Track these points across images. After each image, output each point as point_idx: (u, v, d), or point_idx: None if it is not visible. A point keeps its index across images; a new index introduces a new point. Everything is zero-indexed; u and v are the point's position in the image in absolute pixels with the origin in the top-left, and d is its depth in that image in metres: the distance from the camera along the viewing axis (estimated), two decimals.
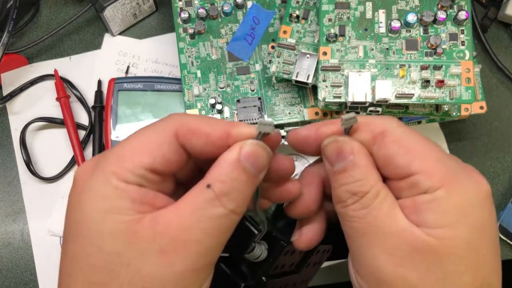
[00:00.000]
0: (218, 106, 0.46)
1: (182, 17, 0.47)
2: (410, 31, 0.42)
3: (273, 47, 0.48)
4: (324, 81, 0.42)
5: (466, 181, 0.25)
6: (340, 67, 0.42)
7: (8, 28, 0.48)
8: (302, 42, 0.45)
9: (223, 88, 0.47)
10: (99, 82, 0.53)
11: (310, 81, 0.44)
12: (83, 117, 0.53)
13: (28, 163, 0.51)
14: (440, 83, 0.41)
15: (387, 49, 0.42)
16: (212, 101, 0.46)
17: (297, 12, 0.46)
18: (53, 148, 0.52)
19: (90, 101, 0.53)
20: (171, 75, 0.53)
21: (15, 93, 0.53)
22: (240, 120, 0.46)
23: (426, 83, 0.41)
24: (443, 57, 0.41)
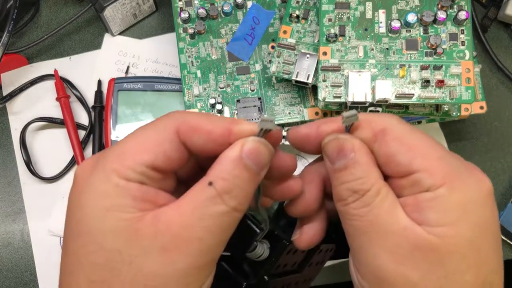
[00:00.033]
0: (218, 106, 0.46)
1: (182, 17, 0.47)
2: (410, 31, 0.42)
3: (273, 47, 0.48)
4: (324, 81, 0.41)
5: (468, 179, 0.24)
6: (340, 67, 0.42)
7: (8, 28, 0.47)
8: (302, 42, 0.45)
9: (223, 88, 0.47)
10: (99, 82, 0.53)
11: (310, 81, 0.44)
12: (83, 117, 0.53)
13: (28, 163, 0.51)
14: (440, 83, 0.41)
15: (387, 49, 0.42)
16: (212, 101, 0.46)
17: (297, 12, 0.46)
18: (53, 148, 0.52)
19: (90, 101, 0.53)
20: (171, 75, 0.53)
21: (15, 93, 0.53)
22: None
23: (426, 83, 0.41)
24: (443, 57, 0.41)
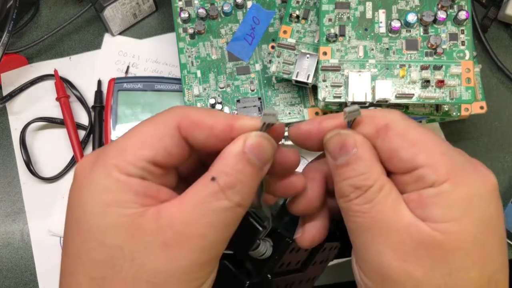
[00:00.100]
0: (218, 106, 0.46)
1: (182, 17, 0.47)
2: (410, 31, 0.42)
3: (273, 47, 0.48)
4: (324, 81, 0.41)
5: (472, 174, 0.24)
6: (340, 67, 0.42)
7: (8, 28, 0.47)
8: (302, 42, 0.45)
9: (223, 88, 0.47)
10: (99, 82, 0.53)
11: (310, 81, 0.44)
12: (83, 117, 0.53)
13: (28, 163, 0.51)
14: (440, 83, 0.41)
15: (387, 49, 0.42)
16: (212, 101, 0.46)
17: (297, 12, 0.46)
18: (53, 148, 0.52)
19: (90, 101, 0.53)
20: (171, 75, 0.53)
21: (15, 93, 0.53)
22: None
23: (426, 83, 0.41)
24: (443, 57, 0.41)
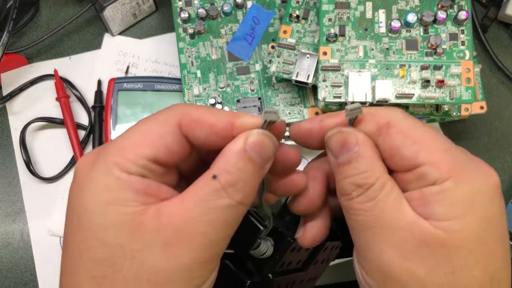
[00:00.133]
0: (218, 106, 0.46)
1: (182, 17, 0.47)
2: (410, 31, 0.42)
3: (273, 47, 0.48)
4: (324, 81, 0.41)
5: (474, 172, 0.24)
6: (340, 67, 0.42)
7: (8, 28, 0.47)
8: (302, 42, 0.45)
9: (223, 88, 0.47)
10: (99, 82, 0.53)
11: (310, 81, 0.44)
12: (83, 117, 0.53)
13: (28, 163, 0.51)
14: (440, 83, 0.41)
15: (387, 49, 0.42)
16: (212, 101, 0.46)
17: (297, 12, 0.46)
18: (53, 148, 0.52)
19: (90, 101, 0.53)
20: (171, 75, 0.53)
21: (15, 93, 0.53)
22: None
23: (426, 83, 0.41)
24: (443, 57, 0.41)
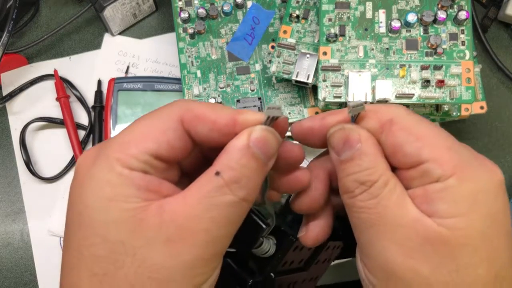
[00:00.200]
0: None
1: (182, 17, 0.47)
2: (410, 31, 0.42)
3: (273, 47, 0.48)
4: (324, 81, 0.41)
5: (478, 169, 0.24)
6: (340, 67, 0.42)
7: (8, 28, 0.47)
8: (302, 42, 0.45)
9: (223, 88, 0.47)
10: (99, 82, 0.53)
11: (310, 81, 0.44)
12: (83, 117, 0.53)
13: (28, 163, 0.51)
14: (440, 83, 0.41)
15: (387, 49, 0.42)
16: (212, 101, 0.46)
17: (297, 12, 0.46)
18: (53, 148, 0.52)
19: (90, 101, 0.53)
20: (171, 75, 0.53)
21: (15, 93, 0.53)
22: None
23: (426, 83, 0.41)
24: (443, 57, 0.41)
